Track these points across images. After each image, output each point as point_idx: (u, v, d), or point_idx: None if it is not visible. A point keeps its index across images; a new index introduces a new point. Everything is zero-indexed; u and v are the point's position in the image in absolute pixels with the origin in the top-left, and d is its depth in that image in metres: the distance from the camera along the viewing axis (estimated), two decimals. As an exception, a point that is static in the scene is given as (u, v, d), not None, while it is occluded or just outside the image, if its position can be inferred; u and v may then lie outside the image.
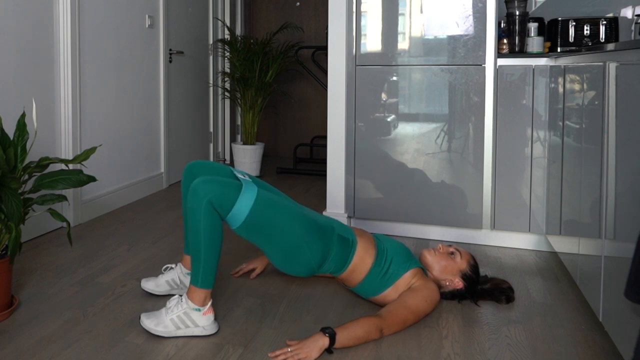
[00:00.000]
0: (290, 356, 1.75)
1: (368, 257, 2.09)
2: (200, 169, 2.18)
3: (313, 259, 2.00)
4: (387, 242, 2.19)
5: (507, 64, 2.93)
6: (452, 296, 2.20)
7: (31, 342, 1.88)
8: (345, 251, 2.07)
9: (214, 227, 1.88)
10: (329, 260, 2.04)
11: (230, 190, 1.91)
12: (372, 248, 2.12)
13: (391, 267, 2.08)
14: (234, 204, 1.90)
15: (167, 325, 1.90)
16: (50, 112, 3.12)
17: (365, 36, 3.18)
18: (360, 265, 2.09)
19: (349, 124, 3.17)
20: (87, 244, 2.91)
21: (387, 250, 2.13)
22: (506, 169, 2.93)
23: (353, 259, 2.09)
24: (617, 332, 1.65)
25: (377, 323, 1.89)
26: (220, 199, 1.88)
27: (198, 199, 1.87)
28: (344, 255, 2.07)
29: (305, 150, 5.86)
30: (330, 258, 2.04)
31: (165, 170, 4.33)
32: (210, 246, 1.89)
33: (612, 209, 1.71)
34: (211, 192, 1.87)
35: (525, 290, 2.38)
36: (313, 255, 2.00)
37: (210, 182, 1.90)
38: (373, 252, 2.11)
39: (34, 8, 2.99)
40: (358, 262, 2.09)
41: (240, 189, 1.93)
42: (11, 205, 1.93)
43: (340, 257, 2.06)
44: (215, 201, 1.87)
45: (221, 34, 5.29)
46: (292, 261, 2.01)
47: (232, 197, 1.90)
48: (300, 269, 2.03)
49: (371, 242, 2.14)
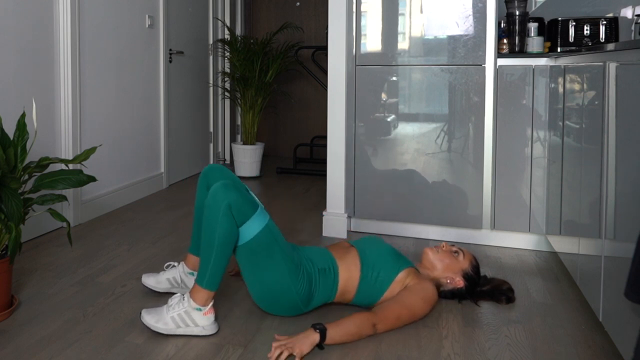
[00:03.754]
0: (285, 349, 1.76)
1: (354, 274, 2.08)
2: (219, 174, 2.19)
3: (300, 300, 2.01)
4: (371, 249, 2.15)
5: (507, 64, 2.93)
6: (452, 295, 2.20)
7: (31, 342, 1.88)
8: (328, 281, 2.06)
9: (230, 230, 1.89)
10: (315, 296, 2.04)
11: (248, 204, 1.93)
12: (356, 263, 2.09)
13: (380, 274, 2.07)
14: (248, 218, 1.92)
15: (167, 323, 1.90)
16: (50, 112, 3.12)
17: (365, 36, 3.18)
18: (348, 285, 2.08)
19: (349, 124, 3.17)
20: (87, 244, 2.91)
21: (373, 258, 2.10)
22: (506, 169, 2.93)
23: (339, 284, 2.08)
24: (617, 332, 1.65)
25: (370, 318, 1.89)
26: (239, 207, 1.90)
27: (218, 201, 1.87)
28: (329, 285, 2.06)
29: (305, 150, 5.86)
30: (317, 294, 2.04)
31: (165, 170, 4.33)
32: (223, 249, 1.89)
33: (612, 209, 1.71)
34: (233, 197, 1.89)
35: (525, 290, 2.38)
36: (300, 296, 2.00)
37: (233, 188, 1.92)
38: (358, 267, 2.08)
39: (34, 8, 2.99)
40: (345, 283, 2.08)
41: (255, 209, 1.95)
42: (11, 205, 1.93)
43: (325, 289, 2.06)
44: (234, 207, 1.88)
45: (221, 34, 5.29)
46: (278, 302, 2.01)
47: (248, 211, 1.92)
48: (286, 309, 2.04)
49: (354, 258, 2.11)
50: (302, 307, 2.03)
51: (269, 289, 1.99)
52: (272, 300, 2.02)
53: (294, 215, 3.56)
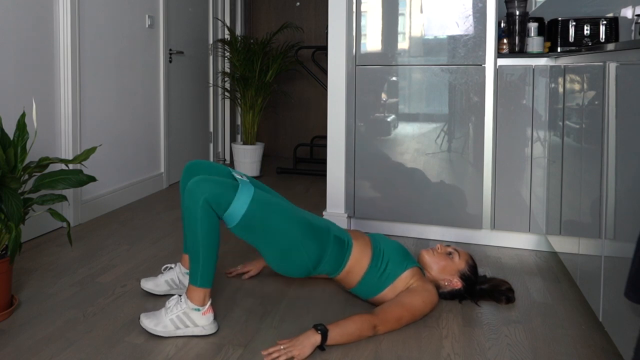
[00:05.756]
0: (284, 353, 1.75)
1: (364, 258, 2.09)
2: (199, 168, 2.18)
3: (309, 259, 2.01)
4: (383, 242, 2.18)
5: (507, 64, 2.93)
6: (451, 296, 2.20)
7: (31, 342, 1.88)
8: (341, 252, 2.07)
9: (211, 226, 1.88)
10: (324, 260, 2.04)
11: (226, 189, 1.91)
12: (368, 249, 2.12)
13: (388, 268, 2.08)
14: (230, 203, 1.90)
15: (166, 325, 1.90)
16: (50, 112, 3.12)
17: (365, 36, 3.18)
18: (356, 267, 2.09)
19: (349, 124, 3.17)
20: (87, 244, 2.91)
21: (384, 250, 2.12)
22: (506, 169, 2.93)
23: (349, 260, 2.08)
24: (617, 332, 1.65)
25: (371, 320, 1.90)
26: (217, 197, 1.88)
27: (195, 198, 1.87)
28: (340, 256, 2.07)
29: (305, 150, 5.86)
30: (326, 259, 2.04)
31: (165, 170, 4.33)
32: (208, 245, 1.89)
33: (612, 209, 1.71)
34: (207, 191, 1.87)
35: (525, 290, 2.38)
36: (309, 256, 2.00)
37: (207, 181, 1.90)
38: (369, 253, 2.10)
39: (34, 8, 2.99)
40: (354, 263, 2.09)
41: (237, 189, 1.93)
42: (11, 205, 1.93)
43: (336, 258, 2.06)
44: (211, 200, 1.87)
45: (221, 34, 5.29)
46: (288, 262, 2.01)
47: (228, 196, 1.90)
48: (295, 269, 2.03)
49: (367, 244, 2.14)
50: (311, 267, 2.03)
51: (279, 249, 1.99)
52: (283, 260, 2.01)
53: (294, 215, 3.56)
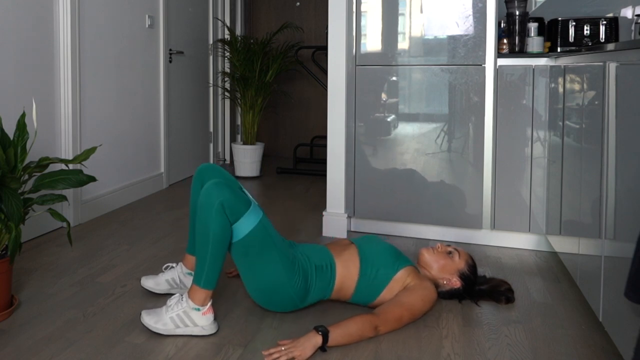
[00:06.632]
0: (285, 354, 1.75)
1: (352, 271, 2.08)
2: (212, 173, 2.19)
3: (295, 295, 2.01)
4: (370, 247, 2.15)
5: (507, 64, 2.93)
6: (450, 296, 2.20)
7: (31, 342, 1.88)
8: (324, 279, 2.06)
9: (224, 229, 1.89)
10: (311, 292, 2.04)
11: (241, 202, 1.93)
12: (355, 259, 2.09)
13: (379, 272, 2.06)
14: (241, 216, 1.92)
15: (166, 323, 1.90)
16: (50, 112, 3.12)
17: (365, 36, 3.18)
18: (345, 282, 2.08)
19: (349, 124, 3.17)
20: (87, 244, 2.91)
21: (372, 256, 2.10)
22: (506, 169, 2.93)
23: (335, 281, 2.08)
24: (617, 332, 1.65)
25: (372, 321, 1.89)
26: (232, 205, 1.90)
27: (211, 200, 1.87)
28: (325, 283, 2.06)
29: (305, 150, 5.86)
30: (312, 289, 2.04)
31: (165, 170, 4.33)
32: (217, 247, 1.89)
33: (612, 209, 1.71)
34: (225, 196, 1.88)
35: (525, 290, 2.38)
36: (295, 291, 2.00)
37: (226, 186, 1.92)
38: (357, 264, 2.08)
39: (34, 8, 2.99)
40: (342, 280, 2.08)
41: (248, 206, 1.95)
42: (11, 205, 1.93)
43: (321, 285, 2.06)
44: (227, 205, 1.88)
45: (221, 34, 5.30)
46: (274, 297, 2.02)
47: (241, 208, 1.92)
48: (282, 304, 2.04)
49: (353, 254, 2.11)
50: (298, 302, 2.03)
51: (265, 284, 1.99)
52: (268, 295, 2.02)
53: (294, 215, 3.56)
